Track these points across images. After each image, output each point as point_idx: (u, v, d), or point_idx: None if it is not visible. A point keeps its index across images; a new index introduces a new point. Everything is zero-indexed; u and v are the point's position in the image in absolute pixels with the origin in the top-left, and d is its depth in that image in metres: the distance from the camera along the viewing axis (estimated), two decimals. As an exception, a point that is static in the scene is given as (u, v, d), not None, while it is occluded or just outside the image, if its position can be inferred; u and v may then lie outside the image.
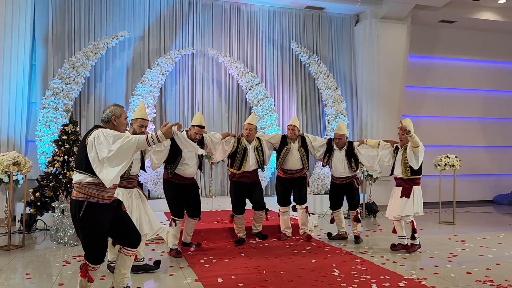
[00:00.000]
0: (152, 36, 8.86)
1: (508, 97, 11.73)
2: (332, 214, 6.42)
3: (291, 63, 9.69)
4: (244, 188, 5.84)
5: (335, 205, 6.35)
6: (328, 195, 6.71)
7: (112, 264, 4.46)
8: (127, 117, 3.69)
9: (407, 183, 5.54)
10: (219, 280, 4.26)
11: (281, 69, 9.61)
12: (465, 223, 8.02)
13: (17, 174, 6.30)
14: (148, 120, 4.79)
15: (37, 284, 4.29)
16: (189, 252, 5.42)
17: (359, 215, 6.28)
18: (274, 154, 6.42)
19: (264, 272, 4.56)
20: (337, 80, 9.86)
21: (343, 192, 6.28)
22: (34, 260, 5.20)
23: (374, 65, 9.75)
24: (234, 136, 5.86)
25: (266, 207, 5.97)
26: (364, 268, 4.71)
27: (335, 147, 6.13)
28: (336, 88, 9.45)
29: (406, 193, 5.51)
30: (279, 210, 6.31)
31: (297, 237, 6.36)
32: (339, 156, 6.11)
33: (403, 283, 4.19)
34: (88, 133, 3.42)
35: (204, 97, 9.12)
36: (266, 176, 8.87)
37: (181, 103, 8.97)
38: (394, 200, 5.65)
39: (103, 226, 3.39)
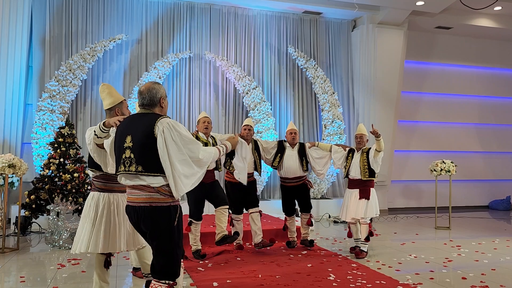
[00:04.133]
0: (150, 39, 8.87)
1: (504, 103, 11.80)
2: (285, 221, 6.07)
3: (288, 67, 9.71)
4: (204, 190, 5.13)
5: (290, 210, 6.00)
6: (326, 200, 6.55)
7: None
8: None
9: (364, 184, 5.61)
10: (215, 284, 4.24)
11: (278, 73, 9.63)
12: (461, 228, 8.03)
13: (12, 177, 6.26)
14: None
15: (31, 287, 4.26)
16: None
17: (312, 219, 6.02)
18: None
19: (260, 276, 4.55)
20: (334, 84, 9.89)
21: (295, 194, 6.01)
22: (28, 263, 5.18)
23: (371, 70, 9.79)
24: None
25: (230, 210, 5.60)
26: (360, 273, 4.71)
27: (287, 145, 6.00)
28: (333, 93, 9.48)
29: (365, 195, 5.58)
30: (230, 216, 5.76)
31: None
32: (291, 154, 5.92)
33: (399, 288, 4.20)
34: (153, 125, 2.71)
35: (201, 101, 9.12)
36: (262, 180, 8.86)
37: (178, 106, 8.96)
38: (351, 202, 5.66)
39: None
